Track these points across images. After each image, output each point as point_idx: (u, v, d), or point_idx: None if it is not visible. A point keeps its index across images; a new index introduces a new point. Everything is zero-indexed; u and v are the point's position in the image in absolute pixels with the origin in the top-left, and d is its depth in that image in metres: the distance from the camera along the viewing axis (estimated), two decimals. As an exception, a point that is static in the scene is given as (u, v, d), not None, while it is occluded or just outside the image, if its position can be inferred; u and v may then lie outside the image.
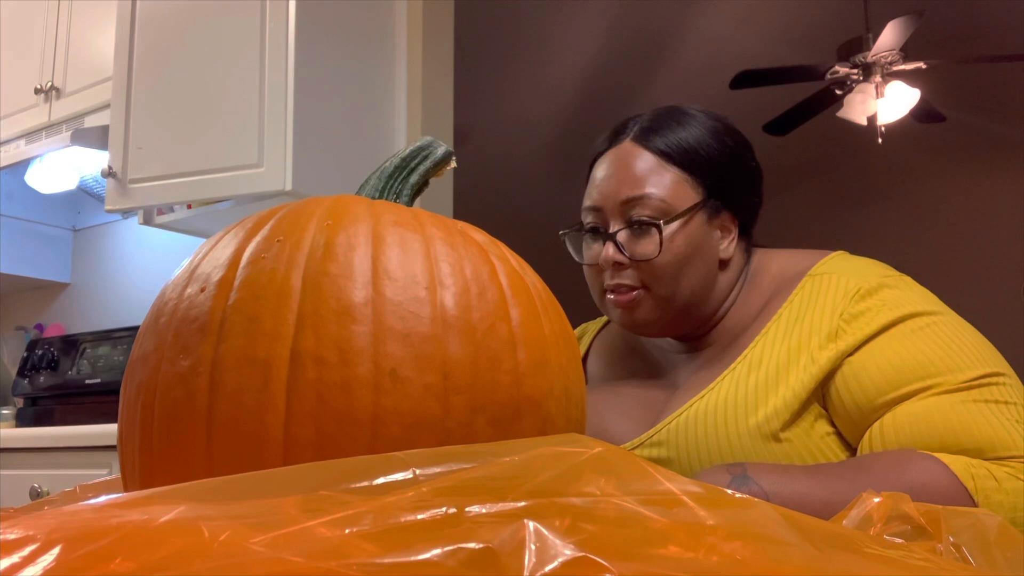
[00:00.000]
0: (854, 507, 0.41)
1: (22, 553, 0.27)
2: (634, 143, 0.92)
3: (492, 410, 0.48)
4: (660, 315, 0.90)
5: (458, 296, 0.49)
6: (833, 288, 0.86)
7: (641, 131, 0.92)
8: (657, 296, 0.89)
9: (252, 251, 0.50)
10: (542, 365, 0.51)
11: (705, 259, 0.91)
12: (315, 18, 2.28)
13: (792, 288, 0.90)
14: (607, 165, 0.92)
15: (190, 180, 2.28)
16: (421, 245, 0.51)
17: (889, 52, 3.51)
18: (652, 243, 0.88)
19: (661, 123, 0.92)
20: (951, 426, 0.76)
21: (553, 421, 0.52)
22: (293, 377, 0.45)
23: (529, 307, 0.53)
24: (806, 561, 0.28)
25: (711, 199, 0.91)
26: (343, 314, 0.47)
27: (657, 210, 0.88)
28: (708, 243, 0.91)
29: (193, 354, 0.47)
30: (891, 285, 0.86)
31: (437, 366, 0.47)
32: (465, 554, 0.26)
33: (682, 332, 0.95)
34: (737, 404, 0.84)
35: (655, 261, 0.88)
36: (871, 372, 0.80)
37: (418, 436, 0.46)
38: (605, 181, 0.91)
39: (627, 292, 0.89)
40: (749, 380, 0.85)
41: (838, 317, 0.83)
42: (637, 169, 0.90)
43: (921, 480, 0.73)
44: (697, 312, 0.92)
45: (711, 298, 0.93)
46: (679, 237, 0.88)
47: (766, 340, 0.87)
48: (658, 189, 0.89)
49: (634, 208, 0.89)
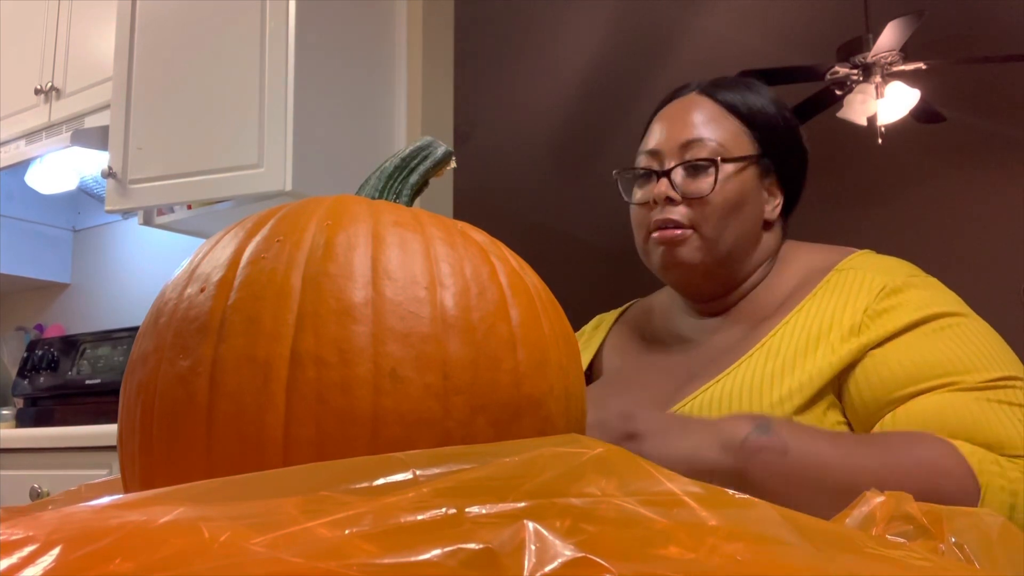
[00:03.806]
0: (857, 506, 0.41)
1: (21, 553, 0.27)
2: (700, 94, 0.96)
3: (492, 410, 0.48)
4: (702, 258, 0.92)
5: (458, 296, 0.49)
6: (859, 283, 0.87)
7: (708, 84, 0.97)
8: (703, 237, 0.91)
9: (252, 251, 0.50)
10: (542, 365, 0.51)
11: (752, 212, 0.94)
12: (315, 18, 2.28)
13: (818, 281, 0.90)
14: (670, 112, 0.97)
15: (190, 180, 2.28)
16: (421, 245, 0.50)
17: (889, 52, 3.51)
18: (706, 182, 0.91)
19: (727, 82, 0.98)
20: (963, 422, 0.77)
21: (553, 421, 0.51)
22: (293, 377, 0.45)
23: (529, 307, 0.53)
24: (807, 562, 0.28)
25: (764, 158, 0.94)
26: (343, 314, 0.46)
27: (713, 152, 0.92)
28: (757, 198, 0.94)
29: (193, 354, 0.47)
30: (917, 285, 0.86)
31: (437, 366, 0.47)
32: (465, 555, 0.26)
33: (712, 288, 0.96)
34: (752, 388, 0.84)
35: (707, 199, 0.90)
36: (891, 367, 0.81)
37: (418, 436, 0.45)
38: (667, 125, 0.95)
39: (675, 228, 0.91)
40: (766, 367, 0.85)
41: (862, 313, 0.84)
42: (700, 115, 0.94)
43: (929, 456, 0.74)
44: (734, 268, 0.94)
45: (750, 258, 0.95)
46: (732, 182, 0.92)
47: (786, 330, 0.87)
48: (718, 134, 0.93)
49: (692, 150, 0.92)
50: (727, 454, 0.71)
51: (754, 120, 0.95)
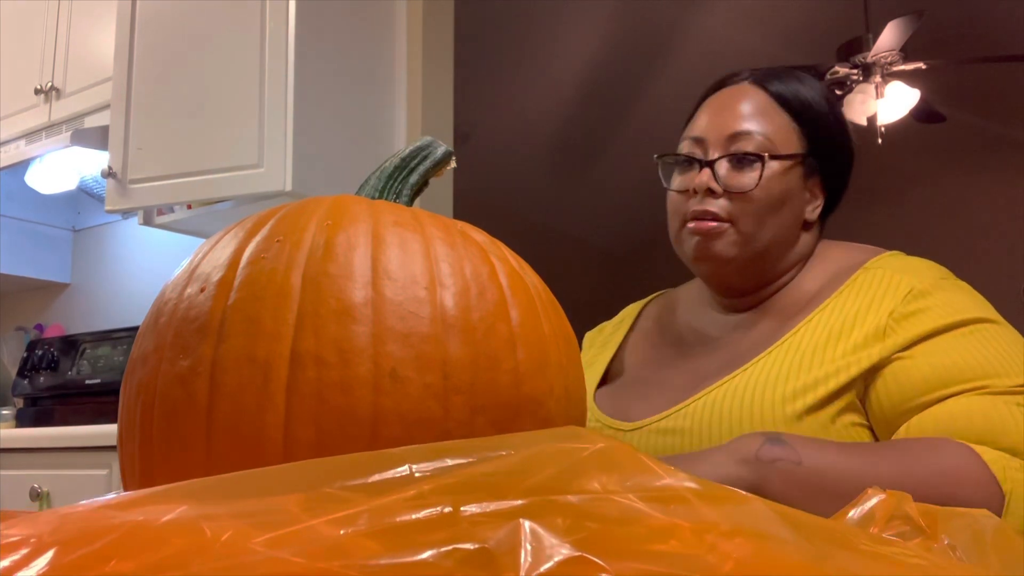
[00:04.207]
0: (858, 503, 0.41)
1: (15, 556, 0.27)
2: (751, 83, 0.93)
3: (492, 410, 0.48)
4: (736, 253, 0.89)
5: (458, 296, 0.49)
6: (885, 284, 0.85)
7: (761, 73, 0.94)
8: (741, 232, 0.89)
9: (252, 251, 0.50)
10: (542, 365, 0.51)
11: (793, 211, 0.91)
12: (315, 18, 2.28)
13: (844, 280, 0.89)
14: (718, 100, 0.94)
15: (190, 180, 2.28)
16: (421, 245, 0.50)
17: (889, 52, 3.51)
18: (750, 177, 0.88)
19: (779, 72, 0.94)
20: (990, 425, 0.75)
21: (553, 421, 0.51)
22: (293, 377, 0.45)
23: (529, 307, 0.53)
24: (803, 558, 0.28)
25: (810, 156, 0.92)
26: (343, 314, 0.46)
27: (761, 147, 0.89)
28: (799, 198, 0.92)
29: (193, 354, 0.47)
30: (946, 288, 0.84)
31: (437, 366, 0.47)
32: (462, 554, 0.26)
33: (743, 284, 0.93)
34: (767, 383, 0.83)
35: (750, 194, 0.88)
36: (920, 371, 0.79)
37: (418, 436, 0.45)
38: (714, 113, 0.92)
39: (712, 220, 0.89)
40: (783, 363, 0.84)
41: (887, 315, 0.82)
42: (749, 106, 0.91)
43: (953, 464, 0.72)
44: (768, 266, 0.92)
45: (785, 258, 0.93)
46: (777, 179, 0.89)
47: (808, 327, 0.86)
48: (766, 128, 0.90)
49: (738, 142, 0.89)
50: (743, 467, 0.70)
51: (805, 116, 0.92)
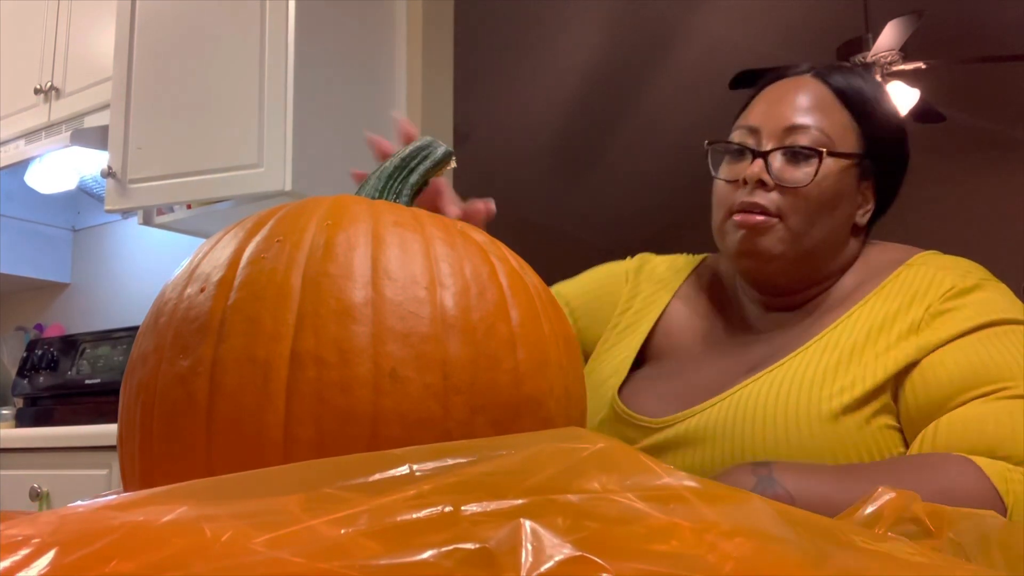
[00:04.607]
0: (867, 503, 0.41)
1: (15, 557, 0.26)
2: (813, 76, 0.90)
3: (492, 410, 0.48)
4: (783, 250, 0.86)
5: (458, 296, 0.49)
6: (928, 280, 0.84)
7: (823, 67, 0.91)
8: (789, 228, 0.85)
9: (252, 251, 0.50)
10: (542, 365, 0.51)
11: (844, 213, 0.88)
12: (315, 18, 2.28)
13: (885, 276, 0.87)
14: (776, 91, 0.91)
15: (190, 180, 2.28)
16: (421, 245, 0.50)
17: (889, 52, 3.51)
18: (805, 172, 0.85)
19: (842, 68, 0.92)
20: (1001, 431, 0.73)
21: (553, 421, 0.51)
22: (293, 377, 0.45)
23: (529, 307, 0.53)
24: (803, 558, 0.28)
25: (867, 158, 0.89)
26: (343, 314, 0.46)
27: (818, 142, 0.86)
28: (851, 200, 0.89)
29: (193, 354, 0.47)
30: (986, 288, 0.83)
31: (437, 366, 0.47)
32: (462, 554, 0.26)
33: (786, 283, 0.90)
34: (803, 382, 0.81)
35: (802, 190, 0.84)
36: (947, 371, 0.78)
37: (418, 436, 0.45)
38: (771, 104, 0.89)
39: (760, 214, 0.85)
40: (820, 361, 0.82)
41: (925, 310, 0.81)
42: (809, 99, 0.88)
43: (953, 483, 0.71)
44: (813, 267, 0.89)
45: (832, 261, 0.90)
46: (832, 178, 0.86)
47: (847, 323, 0.84)
48: (826, 124, 0.87)
49: (795, 135, 0.86)
50: None
51: (865, 115, 0.89)
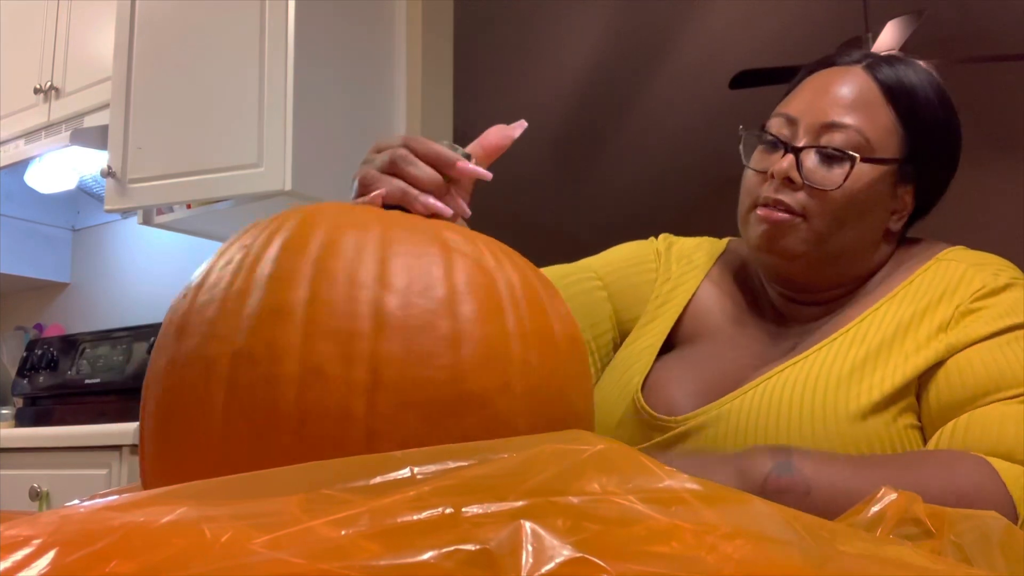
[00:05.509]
0: (870, 504, 0.41)
1: (16, 557, 0.27)
2: (863, 69, 0.86)
3: (423, 406, 0.48)
4: (805, 251, 0.83)
5: (398, 295, 0.51)
6: (958, 277, 0.82)
7: (875, 59, 0.87)
8: (813, 230, 0.82)
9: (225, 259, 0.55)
10: (491, 360, 0.51)
11: (874, 219, 0.85)
12: (315, 18, 2.28)
13: (914, 269, 0.85)
14: (821, 80, 0.86)
15: (190, 180, 2.28)
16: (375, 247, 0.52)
17: (888, 52, 3.51)
18: (836, 174, 0.81)
19: (896, 62, 0.87)
20: (1021, 435, 0.72)
21: (507, 419, 0.51)
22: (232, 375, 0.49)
23: (487, 303, 0.52)
24: (804, 560, 0.28)
25: (908, 164, 0.85)
26: (278, 313, 0.50)
27: (854, 145, 0.82)
28: (884, 206, 0.85)
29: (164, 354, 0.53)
30: (1017, 288, 0.81)
31: (364, 362, 0.48)
32: (463, 555, 0.26)
33: (808, 282, 0.87)
34: (830, 377, 0.78)
35: (830, 193, 0.81)
36: (974, 371, 0.76)
37: (343, 432, 0.47)
38: (814, 95, 0.85)
39: (784, 212, 0.82)
40: (848, 355, 0.80)
41: (954, 308, 0.79)
42: (854, 94, 0.84)
43: (967, 483, 0.69)
44: (838, 270, 0.86)
45: (858, 264, 0.86)
46: (864, 184, 0.82)
47: (875, 316, 0.82)
48: (866, 125, 0.83)
49: (831, 134, 0.82)
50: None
51: (912, 116, 0.84)
